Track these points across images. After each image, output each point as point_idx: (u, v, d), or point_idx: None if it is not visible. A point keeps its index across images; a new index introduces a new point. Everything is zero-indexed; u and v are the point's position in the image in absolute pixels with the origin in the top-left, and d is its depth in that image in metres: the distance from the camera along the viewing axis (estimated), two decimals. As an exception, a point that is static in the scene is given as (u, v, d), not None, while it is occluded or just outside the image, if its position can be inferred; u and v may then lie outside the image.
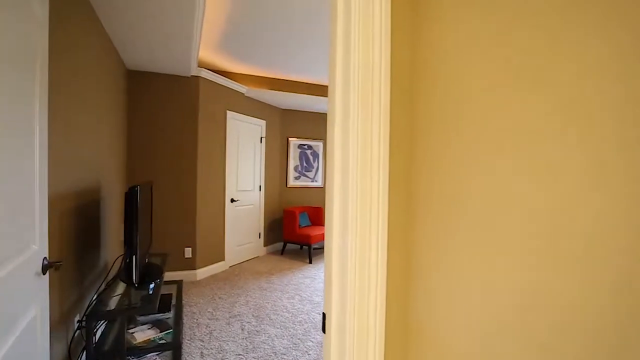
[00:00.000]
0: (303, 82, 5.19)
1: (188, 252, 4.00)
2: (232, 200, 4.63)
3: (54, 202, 1.71)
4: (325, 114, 6.07)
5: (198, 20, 2.77)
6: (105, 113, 2.78)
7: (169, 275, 3.87)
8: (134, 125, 3.75)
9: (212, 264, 4.30)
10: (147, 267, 2.58)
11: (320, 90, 5.31)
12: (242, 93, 4.75)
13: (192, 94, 3.99)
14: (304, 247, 5.58)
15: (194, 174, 4.01)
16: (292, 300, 3.48)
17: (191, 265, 4.01)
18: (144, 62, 3.48)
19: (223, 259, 4.48)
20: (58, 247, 1.77)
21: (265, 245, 5.42)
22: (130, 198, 1.91)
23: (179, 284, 3.08)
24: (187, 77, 3.96)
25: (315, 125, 6.03)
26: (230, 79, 4.58)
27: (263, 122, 5.26)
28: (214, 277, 4.15)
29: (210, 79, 4.16)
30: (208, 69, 4.16)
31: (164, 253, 3.07)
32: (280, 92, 4.95)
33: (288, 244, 5.72)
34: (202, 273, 4.11)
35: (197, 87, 4.01)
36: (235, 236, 4.74)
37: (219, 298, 3.49)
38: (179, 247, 3.96)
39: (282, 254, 5.39)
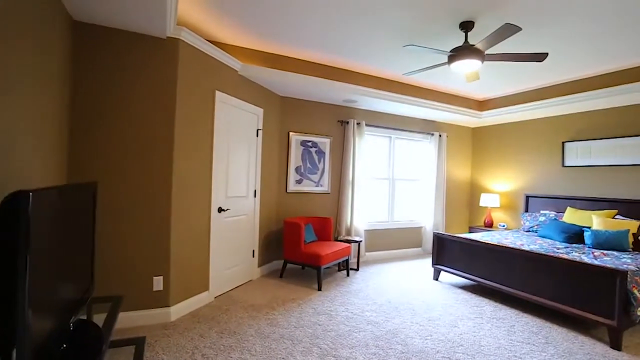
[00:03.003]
0: (311, 62, 4.14)
1: (158, 283, 2.85)
2: (220, 210, 3.51)
3: None
4: (338, 105, 5.03)
5: None
6: (20, 77, 1.65)
7: (129, 320, 2.71)
8: (82, 101, 2.59)
9: (192, 296, 3.16)
10: (76, 335, 1.46)
11: (336, 73, 4.28)
12: (235, 70, 3.66)
13: (169, 63, 2.87)
14: (306, 267, 4.48)
15: (169, 173, 2.88)
16: (309, 358, 2.41)
17: (162, 301, 2.87)
18: (98, 8, 2.35)
19: (207, 289, 3.34)
20: None
21: (259, 265, 4.30)
22: (7, 221, 0.82)
23: (138, 345, 1.95)
24: (162, 39, 2.84)
25: (321, 118, 4.98)
26: (221, 49, 3.48)
27: (260, 111, 4.17)
28: (194, 316, 3.02)
29: (194, 45, 3.06)
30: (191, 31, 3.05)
31: (115, 296, 1.94)
32: (283, 71, 3.90)
33: (289, 264, 4.64)
34: (178, 311, 2.97)
35: (175, 54, 2.89)
36: (224, 256, 3.61)
37: (203, 356, 2.37)
38: (145, 277, 2.80)
39: (281, 276, 4.28)
